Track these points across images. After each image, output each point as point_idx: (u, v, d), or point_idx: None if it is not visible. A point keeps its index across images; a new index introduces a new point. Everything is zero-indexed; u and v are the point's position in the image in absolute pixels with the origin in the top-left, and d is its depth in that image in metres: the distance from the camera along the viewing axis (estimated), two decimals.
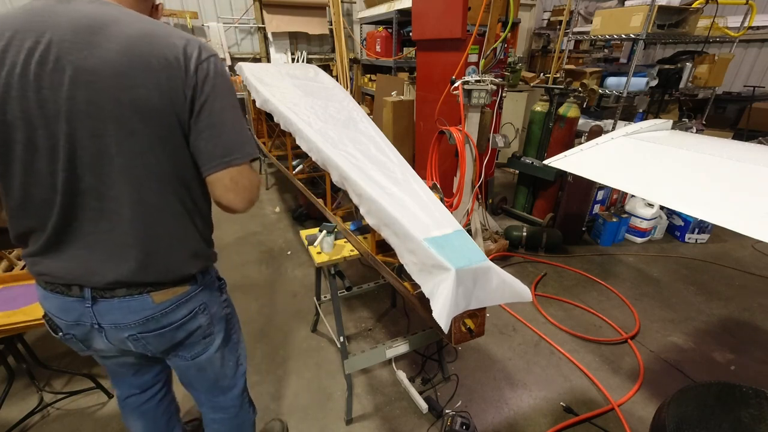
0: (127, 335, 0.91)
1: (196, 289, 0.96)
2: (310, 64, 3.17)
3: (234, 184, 0.86)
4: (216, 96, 0.81)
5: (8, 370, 1.61)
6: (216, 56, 0.83)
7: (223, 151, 0.84)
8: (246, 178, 0.88)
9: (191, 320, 0.97)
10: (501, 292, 1.05)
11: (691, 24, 3.19)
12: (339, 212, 2.08)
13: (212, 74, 0.81)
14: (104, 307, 0.87)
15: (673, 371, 2.04)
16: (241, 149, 0.86)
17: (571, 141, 3.18)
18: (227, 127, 0.84)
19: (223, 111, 0.83)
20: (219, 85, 0.82)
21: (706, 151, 1.47)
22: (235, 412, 1.25)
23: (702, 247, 3.32)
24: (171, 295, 0.91)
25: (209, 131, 0.82)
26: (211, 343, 1.05)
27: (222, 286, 1.08)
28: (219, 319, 1.06)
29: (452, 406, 1.80)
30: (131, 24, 0.76)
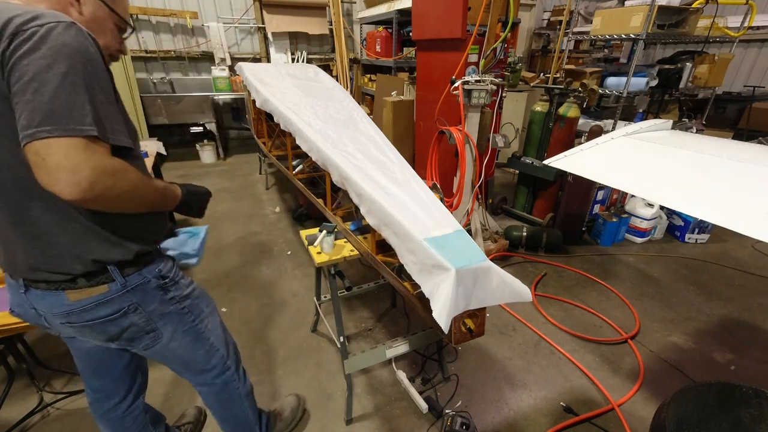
0: (60, 322, 0.95)
1: (120, 291, 0.94)
2: (310, 64, 3.17)
3: (41, 159, 0.70)
4: (31, 58, 0.69)
5: (8, 370, 1.61)
6: (36, 26, 0.70)
7: (27, 122, 0.69)
8: (53, 155, 0.69)
9: (120, 318, 0.97)
10: (501, 292, 1.05)
11: (691, 24, 3.19)
12: (339, 212, 2.08)
13: (34, 38, 0.69)
14: (34, 295, 0.92)
15: (673, 371, 2.04)
16: (43, 121, 0.69)
17: (571, 141, 3.18)
18: (35, 93, 0.69)
19: (35, 76, 0.69)
20: (39, 48, 0.69)
21: (706, 151, 1.47)
22: (219, 387, 1.29)
23: (702, 247, 3.32)
24: (86, 296, 0.91)
25: (17, 98, 0.71)
26: (158, 338, 1.06)
27: (166, 284, 1.03)
28: (162, 316, 1.04)
29: (452, 406, 1.80)
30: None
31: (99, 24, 0.93)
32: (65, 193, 0.71)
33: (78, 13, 0.89)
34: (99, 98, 0.76)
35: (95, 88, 0.76)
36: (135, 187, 0.82)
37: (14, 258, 0.89)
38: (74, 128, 0.71)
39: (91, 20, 0.91)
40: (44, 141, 0.69)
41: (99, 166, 0.73)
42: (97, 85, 0.76)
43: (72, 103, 0.71)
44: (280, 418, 1.65)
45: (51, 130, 0.69)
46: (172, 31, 5.43)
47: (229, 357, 1.28)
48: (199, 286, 1.19)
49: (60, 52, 0.71)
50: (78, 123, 0.72)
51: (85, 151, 0.72)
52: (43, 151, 0.69)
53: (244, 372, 1.39)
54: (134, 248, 0.95)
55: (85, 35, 0.76)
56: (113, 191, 0.77)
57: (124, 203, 0.83)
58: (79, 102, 0.72)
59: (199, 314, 1.15)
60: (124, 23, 0.98)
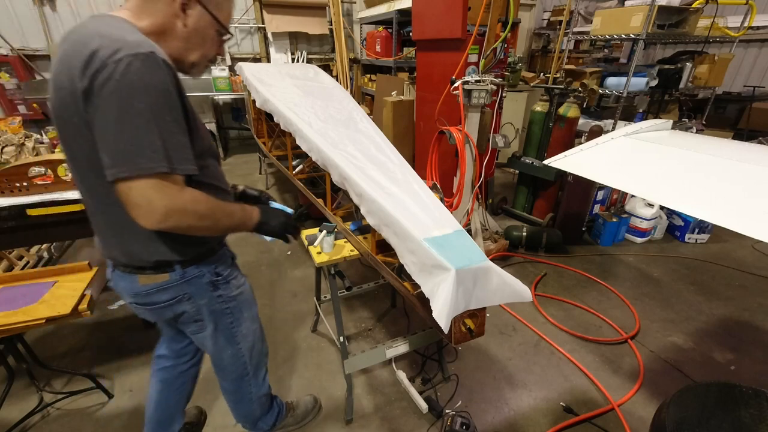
0: (129, 301, 1.11)
1: (178, 281, 1.04)
2: (310, 64, 3.17)
3: (125, 197, 0.82)
4: (110, 100, 0.77)
5: (8, 370, 1.61)
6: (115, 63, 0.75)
7: (109, 161, 0.80)
8: (132, 197, 0.81)
9: (175, 305, 1.09)
10: (501, 292, 1.05)
11: (691, 24, 3.19)
12: (339, 212, 2.08)
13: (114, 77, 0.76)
14: (116, 274, 1.07)
15: (673, 371, 2.04)
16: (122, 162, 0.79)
17: (571, 141, 3.18)
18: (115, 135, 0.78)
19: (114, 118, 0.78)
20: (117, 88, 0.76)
21: (706, 151, 1.47)
22: (234, 388, 1.40)
23: (702, 247, 3.32)
24: (152, 281, 1.03)
25: (98, 134, 0.80)
26: (203, 328, 1.18)
27: (218, 282, 1.13)
28: (210, 311, 1.15)
29: (452, 406, 1.80)
30: (84, 29, 0.83)
31: (200, 33, 0.97)
32: (146, 225, 0.84)
33: (183, 25, 0.93)
34: (170, 130, 0.83)
35: (167, 122, 0.83)
36: (204, 219, 0.92)
37: (105, 241, 1.04)
38: (147, 167, 0.80)
39: (193, 30, 0.95)
40: (125, 183, 0.80)
41: (171, 205, 0.84)
42: (168, 117, 0.83)
43: (145, 143, 0.79)
44: (292, 413, 1.69)
45: (128, 171, 0.79)
46: None
47: (250, 364, 1.34)
48: (248, 292, 1.26)
49: (136, 90, 0.77)
50: (150, 161, 0.80)
51: (160, 190, 0.82)
52: (125, 191, 0.81)
53: (264, 376, 1.45)
54: (196, 251, 1.06)
55: (160, 65, 0.80)
56: (185, 223, 0.88)
57: (197, 231, 0.93)
58: (151, 140, 0.80)
59: (238, 318, 1.22)
60: (225, 30, 1.01)
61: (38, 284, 1.61)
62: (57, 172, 1.90)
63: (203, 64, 1.03)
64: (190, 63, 1.00)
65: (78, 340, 2.21)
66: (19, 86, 4.73)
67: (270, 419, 1.59)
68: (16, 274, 1.65)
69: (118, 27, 0.83)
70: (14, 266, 2.57)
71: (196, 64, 1.01)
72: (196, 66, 1.02)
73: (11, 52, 4.72)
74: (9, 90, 4.76)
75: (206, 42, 0.99)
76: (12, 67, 4.70)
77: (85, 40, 0.79)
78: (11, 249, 2.62)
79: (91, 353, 2.12)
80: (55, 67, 0.83)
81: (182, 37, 0.94)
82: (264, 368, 1.45)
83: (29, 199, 1.82)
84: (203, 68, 1.04)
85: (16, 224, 1.81)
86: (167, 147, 0.82)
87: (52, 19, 4.85)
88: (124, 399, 1.85)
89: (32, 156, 2.32)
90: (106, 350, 2.14)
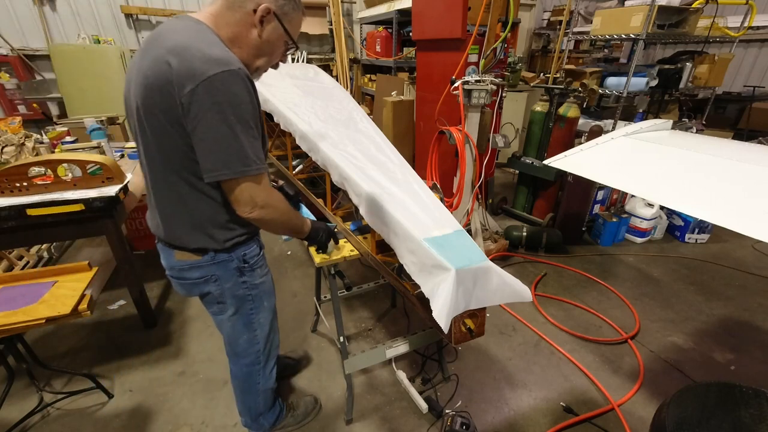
0: (167, 273, 1.22)
1: (209, 262, 1.15)
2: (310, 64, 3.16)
3: (229, 194, 1.01)
4: (207, 114, 0.90)
5: (8, 370, 1.61)
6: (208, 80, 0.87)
7: (209, 165, 0.96)
8: (241, 193, 0.99)
9: (203, 284, 1.19)
10: (501, 292, 1.05)
11: (691, 24, 3.19)
12: (339, 212, 2.08)
13: (203, 97, 0.88)
14: (160, 247, 1.21)
15: (673, 371, 2.04)
16: (222, 166, 0.95)
17: (571, 141, 3.18)
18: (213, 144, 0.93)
19: (213, 129, 0.91)
20: (210, 101, 0.89)
21: (706, 151, 1.47)
22: (244, 375, 1.45)
23: (702, 247, 3.32)
24: (186, 258, 1.15)
25: (195, 138, 0.94)
26: (224, 310, 1.26)
27: (244, 268, 1.21)
28: (233, 295, 1.23)
29: (452, 406, 1.80)
30: (176, 36, 0.93)
31: (272, 44, 1.05)
32: (242, 214, 1.02)
33: (258, 35, 1.02)
34: (253, 136, 0.97)
35: (251, 128, 0.97)
36: (283, 216, 1.10)
37: (154, 220, 1.17)
38: (250, 168, 0.96)
39: (265, 41, 1.03)
40: (227, 183, 0.98)
41: (267, 199, 1.03)
42: (252, 122, 0.97)
43: (240, 149, 0.94)
44: (292, 413, 1.71)
45: (228, 174, 0.95)
46: None
47: (263, 353, 1.41)
48: (270, 283, 1.34)
49: (224, 102, 0.90)
50: (252, 163, 0.97)
51: (258, 187, 1.00)
52: (228, 189, 1.00)
53: (272, 370, 1.50)
54: (232, 241, 1.15)
55: (243, 78, 0.92)
56: (270, 216, 1.05)
57: (274, 226, 1.11)
58: (243, 146, 0.94)
59: (258, 306, 1.30)
60: (293, 43, 1.10)
61: (38, 284, 1.61)
62: (57, 172, 1.90)
63: (265, 70, 1.12)
64: (255, 68, 1.09)
65: (78, 340, 2.21)
66: (19, 86, 4.73)
67: (271, 417, 1.60)
68: (16, 274, 1.65)
69: (206, 39, 0.94)
70: (14, 266, 2.57)
71: (260, 69, 1.11)
72: (258, 71, 1.11)
73: (11, 52, 4.71)
74: (9, 90, 4.76)
75: (275, 52, 1.08)
76: (12, 67, 4.70)
77: (179, 51, 0.89)
78: (11, 249, 2.62)
79: (91, 353, 2.12)
80: (145, 63, 0.93)
81: (255, 45, 1.03)
82: (273, 361, 1.49)
83: (29, 199, 1.82)
84: (264, 73, 1.14)
85: (16, 224, 1.81)
86: (254, 151, 0.97)
87: (52, 19, 4.85)
88: (124, 399, 1.85)
89: (32, 156, 2.32)
90: (106, 350, 2.14)
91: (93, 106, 4.32)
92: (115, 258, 2.10)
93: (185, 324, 2.34)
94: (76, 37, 4.78)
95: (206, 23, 0.99)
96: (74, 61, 4.38)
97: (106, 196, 1.88)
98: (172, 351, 2.14)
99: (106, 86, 4.56)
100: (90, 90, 4.49)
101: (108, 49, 4.58)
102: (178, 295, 2.58)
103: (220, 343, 2.18)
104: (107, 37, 5.05)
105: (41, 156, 2.29)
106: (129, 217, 2.91)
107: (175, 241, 1.13)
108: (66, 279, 1.64)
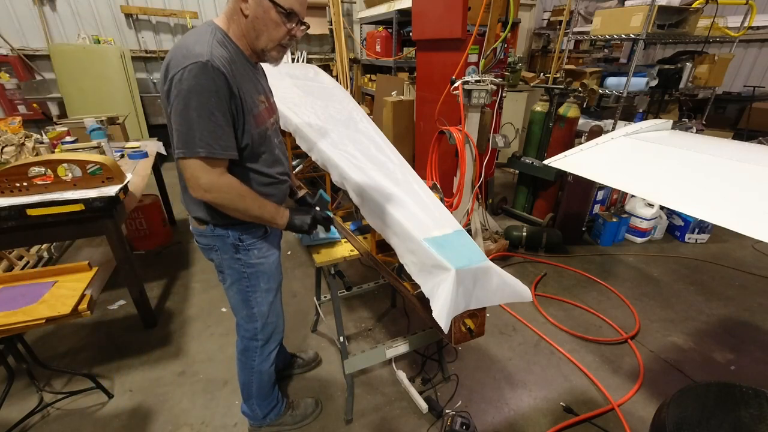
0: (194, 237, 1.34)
1: (210, 232, 1.24)
2: (310, 64, 3.16)
3: (182, 172, 1.09)
4: (176, 100, 1.00)
5: (8, 370, 1.61)
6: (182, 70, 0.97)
7: (175, 144, 1.05)
8: (186, 170, 1.06)
9: (208, 251, 1.30)
10: (501, 292, 1.05)
11: (691, 24, 3.19)
12: (339, 212, 2.08)
13: (175, 85, 0.99)
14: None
15: (673, 371, 2.04)
16: (181, 146, 1.03)
17: (571, 141, 3.18)
18: (178, 126, 1.02)
19: (179, 113, 1.00)
20: (181, 91, 0.98)
21: (706, 151, 1.47)
22: (242, 348, 1.48)
23: (702, 247, 3.32)
24: (197, 226, 1.26)
25: (171, 126, 1.05)
26: (224, 281, 1.35)
27: (238, 246, 1.26)
28: (230, 269, 1.30)
29: (452, 406, 1.80)
30: (182, 38, 1.06)
31: (261, 20, 1.05)
32: (192, 194, 1.09)
33: (243, 16, 1.05)
34: (217, 123, 1.02)
35: (212, 115, 1.01)
36: (235, 202, 1.11)
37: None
38: (194, 151, 1.02)
39: (253, 17, 1.05)
40: (181, 161, 1.05)
41: (209, 183, 1.06)
42: (217, 112, 1.02)
43: (196, 133, 1.01)
44: (291, 412, 1.71)
45: (182, 153, 1.03)
46: (172, 31, 5.43)
47: (261, 332, 1.44)
48: (271, 266, 1.37)
49: (192, 92, 0.98)
50: (197, 146, 1.01)
51: (203, 170, 1.05)
52: (181, 167, 1.07)
53: (270, 353, 1.51)
54: (226, 220, 1.20)
55: (210, 69, 0.98)
56: (220, 201, 1.10)
57: (229, 211, 1.13)
58: (201, 130, 1.01)
59: (254, 285, 1.35)
60: (283, 10, 1.05)
61: (38, 284, 1.60)
62: (57, 172, 1.90)
63: (275, 50, 1.13)
64: (261, 50, 1.12)
65: (78, 340, 2.21)
66: (19, 86, 4.73)
67: (265, 407, 1.60)
68: (16, 274, 1.65)
69: (199, 38, 1.03)
70: (14, 266, 2.57)
71: (267, 51, 1.12)
72: (267, 53, 1.13)
73: (11, 52, 4.71)
74: (9, 90, 4.76)
75: (269, 26, 1.07)
76: (12, 67, 4.70)
77: (173, 51, 1.03)
78: (11, 249, 2.62)
79: (91, 353, 2.12)
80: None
81: (248, 27, 1.07)
82: (274, 345, 1.51)
83: (29, 199, 1.82)
84: (278, 54, 1.15)
85: (16, 224, 1.81)
86: (211, 136, 1.02)
87: (52, 19, 4.85)
88: (124, 399, 1.85)
89: (32, 156, 2.32)
90: (106, 350, 2.14)
91: (93, 106, 4.32)
92: (115, 258, 2.10)
93: (185, 324, 2.34)
94: (76, 37, 4.78)
95: (218, 24, 1.09)
96: (74, 61, 4.38)
97: (106, 196, 1.88)
98: (172, 351, 2.14)
99: (106, 86, 4.56)
100: (90, 90, 4.49)
101: (108, 49, 4.58)
102: (178, 295, 2.58)
103: (220, 342, 2.19)
104: (107, 37, 5.05)
105: (41, 156, 2.29)
106: (129, 217, 2.91)
107: (187, 208, 1.26)
108: (66, 279, 1.64)
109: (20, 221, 1.81)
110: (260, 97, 1.18)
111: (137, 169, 2.42)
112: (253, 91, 1.14)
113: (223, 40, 1.07)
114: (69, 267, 1.67)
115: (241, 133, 1.12)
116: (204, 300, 2.55)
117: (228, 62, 1.03)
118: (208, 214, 1.20)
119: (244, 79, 1.10)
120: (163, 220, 3.22)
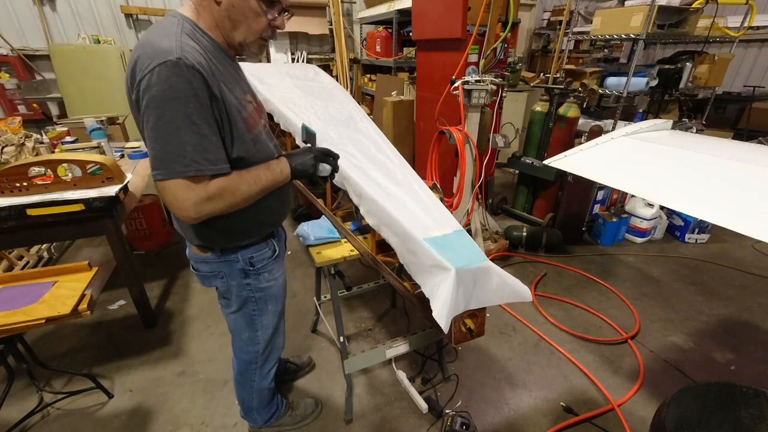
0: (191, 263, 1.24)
1: (216, 259, 1.15)
2: (310, 64, 3.16)
3: (162, 196, 0.91)
4: (147, 111, 0.84)
5: (8, 370, 1.61)
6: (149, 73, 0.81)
7: (151, 164, 0.89)
8: (167, 195, 0.89)
9: (211, 278, 1.20)
10: (501, 292, 1.05)
11: (691, 24, 3.19)
12: (339, 212, 2.07)
13: (144, 92, 0.83)
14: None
15: (673, 371, 2.04)
16: (158, 166, 0.86)
17: (571, 141, 3.18)
18: (153, 142, 0.86)
19: (151, 126, 0.84)
20: (152, 98, 0.82)
21: (706, 151, 1.47)
22: (241, 368, 1.45)
23: (702, 247, 3.32)
24: (198, 253, 1.16)
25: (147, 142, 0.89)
26: (228, 306, 1.27)
27: (249, 271, 1.19)
28: (237, 295, 1.23)
29: (452, 406, 1.80)
30: (147, 33, 0.91)
31: (238, 9, 0.92)
32: (182, 219, 0.94)
33: (215, 3, 0.91)
34: (200, 132, 0.86)
35: (197, 125, 0.86)
36: (233, 196, 0.95)
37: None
38: (177, 170, 0.86)
39: (228, 6, 0.91)
40: (160, 183, 0.88)
41: (198, 201, 0.89)
42: (199, 119, 0.86)
43: (175, 149, 0.84)
44: (291, 413, 1.71)
45: (161, 174, 0.87)
46: None
47: (261, 354, 1.40)
48: (279, 287, 1.33)
49: (166, 99, 0.82)
50: (181, 165, 0.85)
51: (187, 190, 0.88)
52: (161, 191, 0.90)
53: (269, 370, 1.49)
54: (234, 243, 1.13)
55: (185, 71, 0.82)
56: (219, 209, 0.94)
57: (234, 208, 0.98)
58: (181, 145, 0.84)
59: (261, 308, 1.30)
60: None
61: (38, 284, 1.60)
62: (57, 172, 1.90)
63: (255, 44, 0.99)
64: (238, 44, 0.98)
65: (78, 340, 2.21)
66: (19, 86, 4.72)
67: (265, 414, 1.61)
68: (16, 274, 1.65)
69: (165, 31, 0.87)
70: (14, 266, 2.57)
71: (246, 45, 0.98)
72: (246, 46, 0.99)
73: (11, 52, 4.71)
74: (9, 90, 4.76)
75: (248, 16, 0.93)
76: (12, 67, 4.70)
77: (136, 50, 0.86)
78: (11, 249, 2.62)
79: (91, 353, 2.12)
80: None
81: (222, 17, 0.93)
82: (273, 362, 1.49)
83: (29, 199, 1.82)
84: (257, 48, 1.01)
85: (16, 224, 1.81)
86: (196, 150, 0.86)
87: (52, 19, 4.85)
88: (124, 399, 1.85)
89: (32, 156, 2.32)
90: (106, 350, 2.14)
91: (93, 106, 4.32)
92: (115, 258, 2.10)
93: (185, 324, 2.34)
94: (76, 37, 4.78)
95: (185, 13, 0.93)
96: (74, 61, 4.37)
97: (106, 196, 1.88)
98: (172, 351, 2.14)
99: (106, 86, 4.56)
100: (90, 90, 4.49)
101: (108, 49, 4.57)
102: (178, 295, 2.58)
103: (220, 342, 2.19)
104: (107, 37, 5.05)
105: (41, 156, 2.29)
106: (129, 217, 2.91)
107: (182, 234, 1.15)
108: (66, 279, 1.64)
109: (20, 221, 1.81)
110: (246, 96, 1.03)
111: (137, 169, 2.42)
112: (238, 91, 0.99)
113: (194, 32, 0.91)
114: (69, 267, 1.68)
115: (230, 143, 0.95)
116: (204, 300, 2.55)
117: (204, 58, 0.88)
118: (212, 239, 1.09)
119: (226, 78, 0.95)
120: (163, 220, 3.22)
